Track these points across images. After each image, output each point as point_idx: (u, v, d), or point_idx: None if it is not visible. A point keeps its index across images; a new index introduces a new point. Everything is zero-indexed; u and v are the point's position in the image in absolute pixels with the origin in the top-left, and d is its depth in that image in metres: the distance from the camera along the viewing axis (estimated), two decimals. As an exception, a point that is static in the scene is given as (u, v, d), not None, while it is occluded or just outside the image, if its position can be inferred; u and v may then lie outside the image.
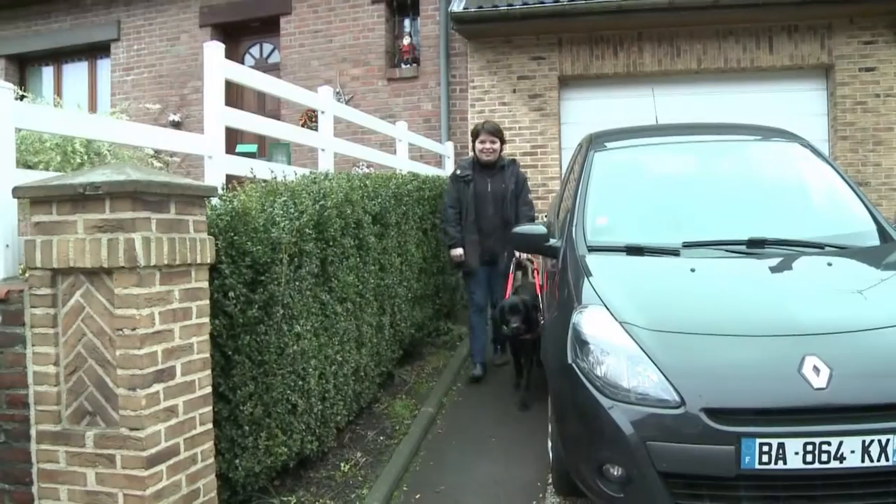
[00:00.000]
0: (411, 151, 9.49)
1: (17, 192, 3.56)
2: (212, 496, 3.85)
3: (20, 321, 3.55)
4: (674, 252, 4.40)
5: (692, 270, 4.20)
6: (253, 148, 9.97)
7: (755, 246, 4.39)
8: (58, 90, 13.56)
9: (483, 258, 6.88)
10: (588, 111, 10.83)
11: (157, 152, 6.98)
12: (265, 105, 11.97)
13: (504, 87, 10.99)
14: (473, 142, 7.01)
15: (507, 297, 6.22)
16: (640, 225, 4.86)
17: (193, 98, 12.19)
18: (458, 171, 6.95)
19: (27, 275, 3.58)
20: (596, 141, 5.68)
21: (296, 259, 4.37)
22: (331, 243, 4.81)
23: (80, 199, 3.39)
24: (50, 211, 3.46)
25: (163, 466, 3.47)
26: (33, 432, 3.55)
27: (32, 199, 3.53)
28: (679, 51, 10.45)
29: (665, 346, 3.61)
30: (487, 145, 6.80)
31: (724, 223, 4.74)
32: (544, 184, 10.74)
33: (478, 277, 6.91)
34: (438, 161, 11.07)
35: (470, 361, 7.12)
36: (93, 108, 13.26)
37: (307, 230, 4.49)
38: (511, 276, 6.65)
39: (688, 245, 4.43)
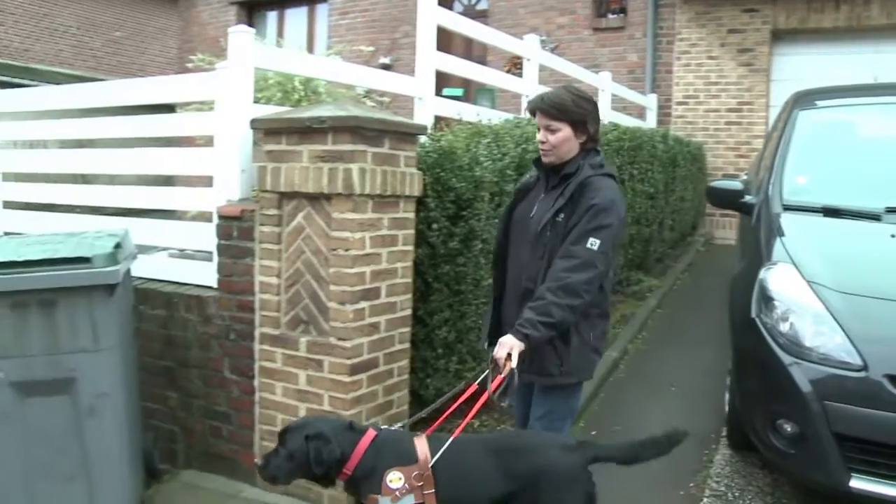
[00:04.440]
0: (614, 102, 9.48)
1: (254, 123, 4.03)
2: (404, 409, 4.22)
3: (251, 236, 4.04)
4: (874, 216, 4.26)
5: (893, 237, 4.06)
6: (459, 92, 10.29)
7: None
8: (280, 33, 14.48)
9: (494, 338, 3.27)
10: (801, 68, 10.29)
11: (369, 92, 7.38)
12: (472, 51, 12.25)
13: (712, 41, 10.69)
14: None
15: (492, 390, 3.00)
16: (840, 186, 4.70)
17: (404, 42, 12.66)
18: (528, 175, 3.63)
19: (257, 196, 4.05)
20: (802, 99, 5.51)
21: (496, 197, 4.61)
22: (529, 185, 5.01)
23: (307, 131, 3.78)
24: (280, 141, 3.89)
25: (363, 375, 3.86)
26: (257, 334, 4.05)
27: (266, 130, 3.98)
28: (915, 2, 9.68)
29: (852, 309, 3.57)
30: (541, 134, 3.30)
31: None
32: (748, 142, 10.43)
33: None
34: (641, 113, 10.97)
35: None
36: (311, 49, 14.06)
37: (508, 171, 4.71)
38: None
39: (892, 210, 4.26)
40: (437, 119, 5.32)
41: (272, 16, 15.05)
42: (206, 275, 4.36)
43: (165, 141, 5.24)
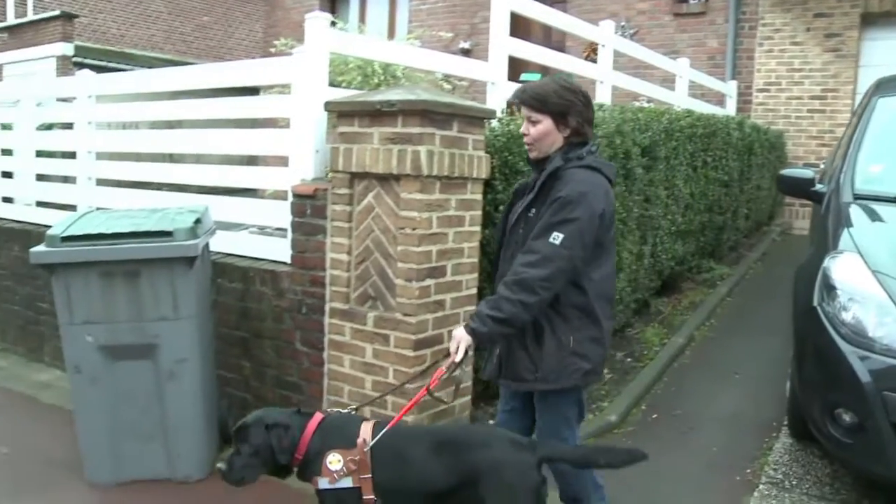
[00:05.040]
0: (692, 89, 9.39)
1: (328, 106, 4.19)
2: (467, 385, 4.34)
3: (323, 214, 4.21)
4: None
5: None
6: (537, 77, 10.29)
7: None
8: (362, 18, 14.70)
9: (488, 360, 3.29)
10: (893, 53, 9.98)
11: (447, 76, 7.50)
12: (551, 36, 12.24)
13: (797, 26, 10.46)
14: None
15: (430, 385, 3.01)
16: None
17: (483, 27, 12.68)
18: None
19: (330, 176, 4.22)
20: (884, 85, 5.39)
21: (562, 182, 4.67)
22: (596, 170, 5.06)
23: (377, 114, 3.92)
24: (352, 123, 4.04)
25: (427, 351, 3.99)
26: (327, 308, 4.23)
27: (339, 112, 4.14)
28: None
29: None
30: (524, 126, 3.14)
31: None
32: (831, 130, 10.18)
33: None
34: (720, 100, 10.81)
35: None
36: (392, 34, 14.24)
37: (574, 155, 4.77)
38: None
39: None
40: (511, 104, 5.40)
41: (354, 1, 15.28)
42: (280, 251, 4.56)
43: (249, 123, 5.47)
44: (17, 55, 13.56)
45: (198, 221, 4.05)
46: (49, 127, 7.19)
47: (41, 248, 3.96)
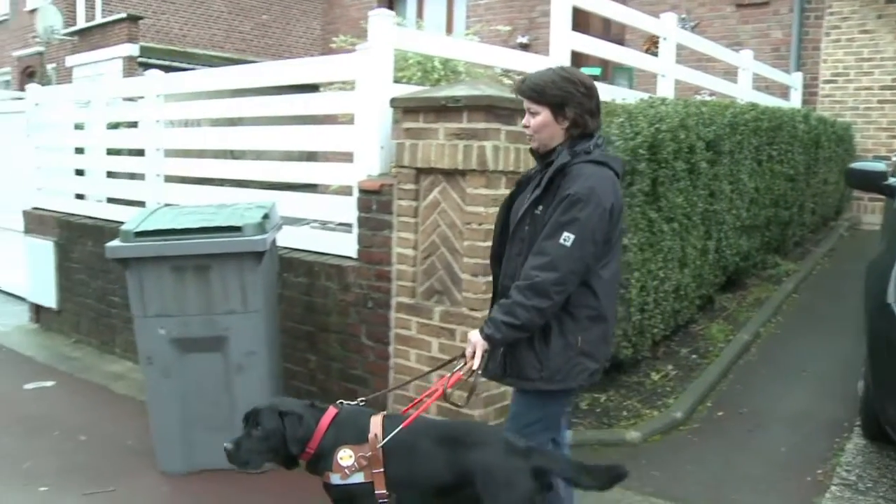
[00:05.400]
0: (756, 81, 9.22)
1: (394, 102, 4.22)
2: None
3: (389, 210, 4.25)
4: None
5: None
6: (597, 71, 10.22)
7: None
8: (420, 13, 14.73)
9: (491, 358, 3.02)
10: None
11: (506, 72, 7.49)
12: (611, 30, 12.12)
13: (867, 13, 10.18)
14: None
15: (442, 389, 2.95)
16: None
17: (541, 21, 12.64)
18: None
19: (395, 172, 4.25)
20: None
21: (628, 176, 4.64)
22: (662, 165, 5.01)
23: (443, 110, 3.95)
24: (418, 119, 4.07)
25: (494, 346, 3.99)
26: (393, 303, 4.26)
27: (404, 108, 4.17)
28: None
29: None
30: (525, 118, 3.00)
31: None
32: (906, 124, 9.92)
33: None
34: (785, 92, 10.60)
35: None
36: (449, 30, 14.26)
37: (640, 151, 4.73)
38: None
39: None
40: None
41: (412, -2, 15.34)
42: (346, 246, 4.61)
43: (309, 119, 5.53)
44: (86, 57, 13.96)
45: (266, 217, 4.12)
46: (116, 126, 7.38)
47: (116, 243, 4.07)
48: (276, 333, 4.43)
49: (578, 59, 6.06)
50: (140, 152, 6.34)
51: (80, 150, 7.48)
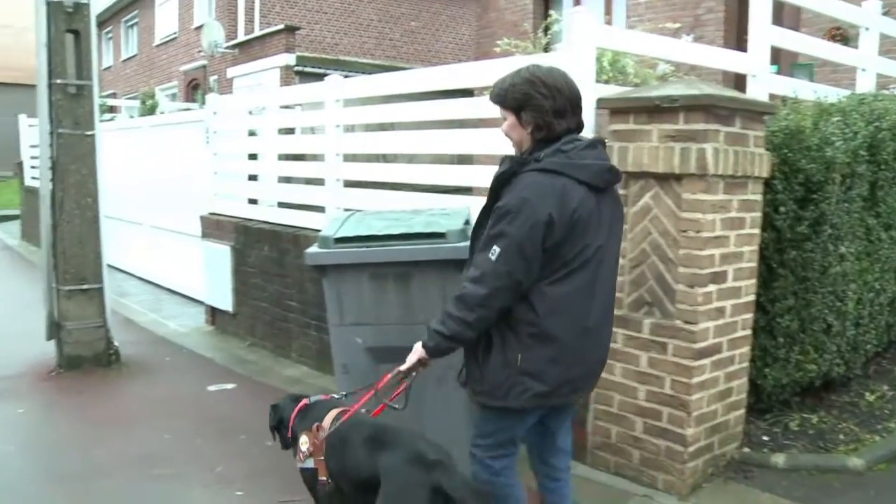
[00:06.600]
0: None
1: (601, 102, 4.02)
2: (742, 398, 4.07)
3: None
4: None
5: None
6: (775, 69, 9.71)
7: None
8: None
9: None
10: None
11: (675, 70, 7.18)
12: (782, 22, 11.50)
13: None
14: None
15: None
16: None
17: (707, 18, 12.11)
18: None
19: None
20: None
21: (847, 180, 4.28)
22: (882, 167, 4.61)
23: (656, 110, 3.72)
24: (627, 120, 3.86)
25: (707, 361, 3.75)
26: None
27: (612, 109, 3.96)
28: None
29: None
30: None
31: None
32: None
33: None
34: None
35: None
36: (607, 29, 13.91)
37: (861, 152, 4.35)
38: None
39: None
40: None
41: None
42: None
43: (457, 124, 5.46)
44: (245, 68, 14.42)
45: (467, 223, 4.00)
46: (289, 131, 7.49)
47: (315, 249, 4.02)
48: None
49: (777, 54, 5.70)
50: (301, 157, 6.38)
51: (253, 157, 7.64)
